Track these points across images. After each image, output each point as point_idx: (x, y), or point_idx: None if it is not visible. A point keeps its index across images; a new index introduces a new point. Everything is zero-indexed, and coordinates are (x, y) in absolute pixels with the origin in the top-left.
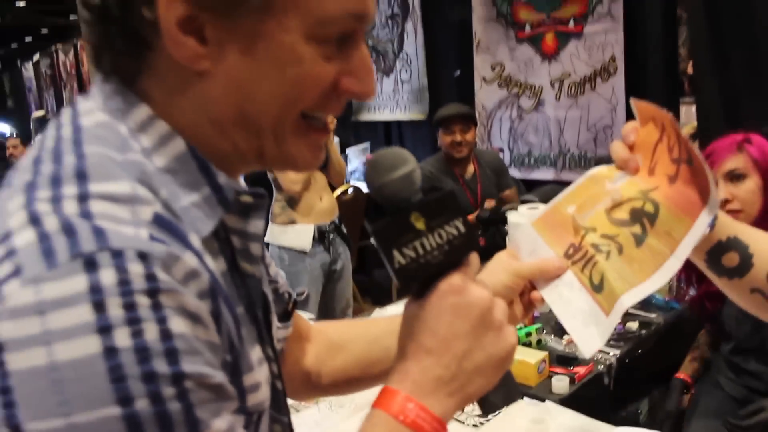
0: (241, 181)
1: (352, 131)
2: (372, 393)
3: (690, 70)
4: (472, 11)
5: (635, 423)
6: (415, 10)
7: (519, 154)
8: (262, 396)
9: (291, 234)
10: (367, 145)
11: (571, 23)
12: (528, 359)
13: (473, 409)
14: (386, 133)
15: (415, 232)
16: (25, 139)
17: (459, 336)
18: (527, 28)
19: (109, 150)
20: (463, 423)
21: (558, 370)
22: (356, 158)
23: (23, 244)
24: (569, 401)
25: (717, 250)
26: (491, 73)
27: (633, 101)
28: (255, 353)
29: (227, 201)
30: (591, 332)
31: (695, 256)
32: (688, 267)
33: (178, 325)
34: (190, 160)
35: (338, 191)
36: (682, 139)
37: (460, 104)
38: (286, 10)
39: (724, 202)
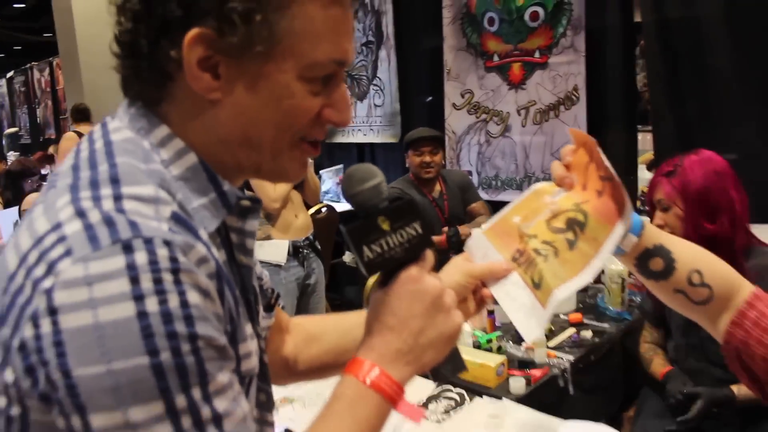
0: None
1: (327, 153)
2: None
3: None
4: (443, 41)
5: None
6: (389, 38)
7: (486, 177)
8: (252, 363)
9: (267, 248)
10: (340, 166)
11: (537, 54)
12: (488, 362)
13: (437, 407)
14: (359, 155)
15: (381, 232)
16: None
17: (415, 316)
18: (495, 58)
19: (135, 161)
20: (427, 419)
21: (516, 372)
22: (330, 179)
23: (72, 232)
24: (525, 400)
25: (644, 255)
26: (461, 99)
27: (570, 130)
28: (248, 328)
29: (230, 204)
30: (531, 323)
31: (627, 261)
32: None
33: (193, 297)
34: (200, 171)
35: (312, 210)
36: (603, 161)
37: (430, 128)
38: (284, 56)
39: (660, 227)
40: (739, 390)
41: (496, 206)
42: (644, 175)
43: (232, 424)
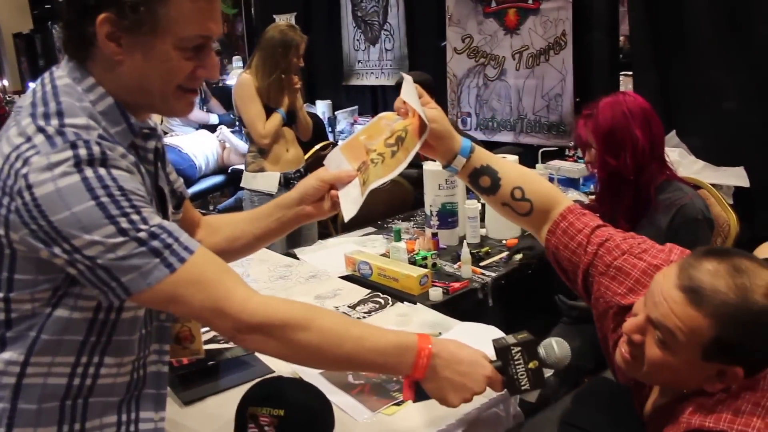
0: (150, 121)
1: (344, 95)
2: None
3: (626, 44)
4: None
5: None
6: None
7: (484, 118)
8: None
9: (260, 179)
10: (355, 107)
11: (530, 0)
12: (412, 273)
13: (363, 308)
14: (372, 97)
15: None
16: None
17: (469, 378)
18: (493, 4)
19: (72, 100)
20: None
21: (438, 284)
22: (344, 120)
23: (38, 140)
24: (441, 307)
25: (475, 174)
26: (461, 44)
27: (404, 75)
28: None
29: (135, 131)
30: (352, 207)
31: (463, 178)
32: None
33: (116, 171)
34: (115, 109)
35: (317, 147)
36: (418, 106)
37: (421, 72)
38: (164, 33)
39: (587, 164)
40: None
41: (492, 146)
42: None
43: (166, 223)
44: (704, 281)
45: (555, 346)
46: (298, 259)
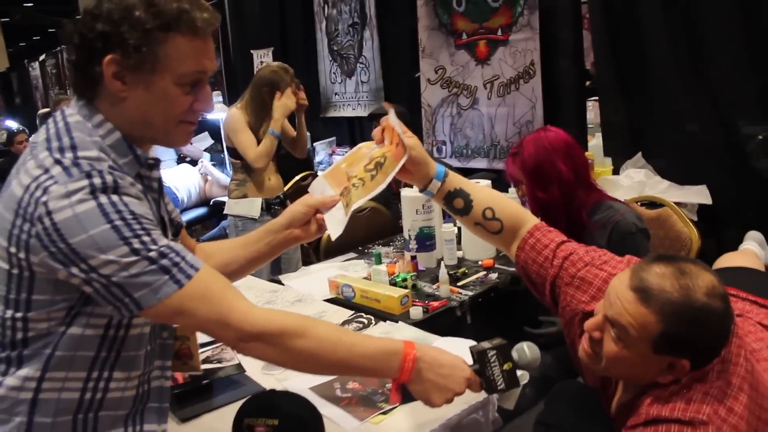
0: (151, 152)
1: (321, 126)
2: None
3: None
4: (418, 21)
5: None
6: (371, 19)
7: (459, 146)
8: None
9: (243, 205)
10: (333, 139)
11: (499, 32)
12: (393, 294)
13: (349, 327)
14: (350, 128)
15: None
16: (32, 134)
17: (451, 380)
18: (464, 36)
19: (84, 135)
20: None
21: (418, 303)
22: (323, 150)
23: (55, 172)
24: (422, 325)
25: (449, 196)
26: (435, 75)
27: (385, 104)
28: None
29: (141, 162)
30: (337, 227)
31: (438, 201)
32: None
33: (127, 198)
34: (123, 142)
35: (298, 177)
36: (396, 131)
37: (397, 105)
38: (163, 71)
39: (521, 198)
40: None
41: (467, 172)
42: (594, 143)
43: (174, 245)
44: (652, 282)
45: (526, 350)
46: (282, 284)
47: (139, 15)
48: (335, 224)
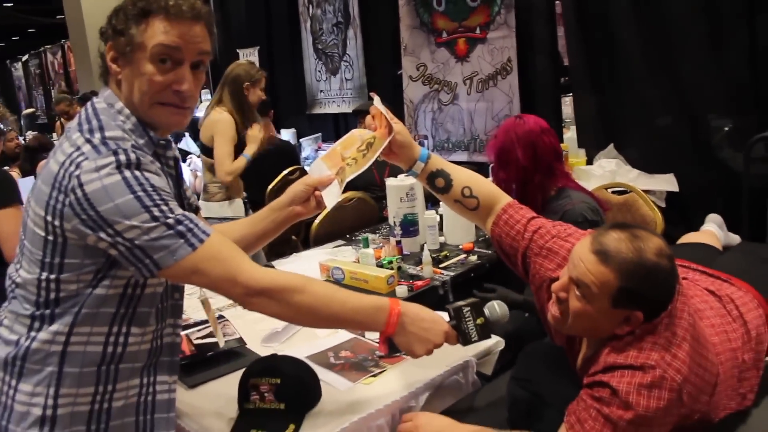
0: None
1: (307, 123)
2: None
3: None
4: (399, 20)
5: None
6: (354, 18)
7: (440, 140)
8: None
9: (227, 208)
10: (319, 135)
11: (478, 30)
12: (380, 275)
13: None
14: (335, 124)
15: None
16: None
17: (430, 332)
18: (444, 35)
19: (109, 119)
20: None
21: (403, 283)
22: (309, 146)
23: (86, 149)
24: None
25: (431, 176)
26: (416, 72)
27: (372, 93)
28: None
29: (155, 142)
30: (333, 199)
31: (422, 180)
32: None
33: (147, 173)
34: (139, 126)
35: (286, 171)
36: (384, 116)
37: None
38: (141, 49)
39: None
40: None
41: None
42: (569, 135)
43: (189, 218)
44: (610, 245)
45: (497, 307)
46: (275, 269)
47: (128, 8)
48: (331, 197)
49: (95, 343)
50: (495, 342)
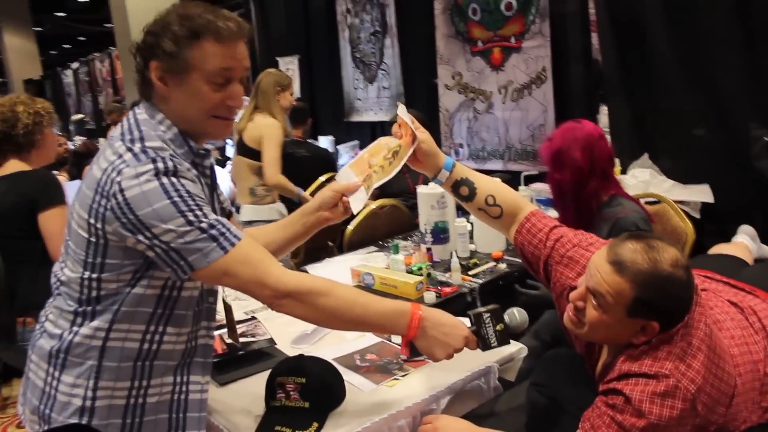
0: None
1: (345, 130)
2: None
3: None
4: (435, 29)
5: None
6: (392, 27)
7: (475, 148)
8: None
9: (275, 211)
10: (356, 142)
11: (513, 39)
12: (410, 281)
13: None
14: (372, 132)
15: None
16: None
17: (450, 336)
18: (479, 44)
19: (150, 129)
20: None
21: (431, 289)
22: (346, 153)
23: (128, 157)
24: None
25: (456, 184)
26: (452, 81)
27: (400, 106)
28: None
29: (194, 152)
30: (359, 204)
31: (447, 189)
32: None
33: (184, 180)
34: (179, 136)
35: (323, 178)
36: (409, 126)
37: (414, 110)
38: (194, 72)
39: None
40: None
41: (483, 174)
42: None
43: (222, 222)
44: (626, 256)
45: (516, 314)
46: (307, 273)
47: (174, 28)
48: (357, 202)
49: (133, 339)
50: (518, 349)
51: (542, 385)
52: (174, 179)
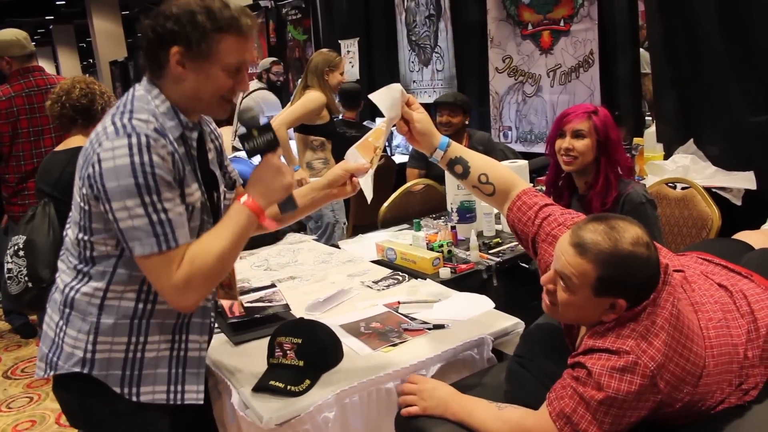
0: (210, 125)
1: None
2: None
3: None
4: (487, 13)
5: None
6: (445, 11)
7: (523, 131)
8: (194, 199)
9: None
10: None
11: (562, 23)
12: (426, 256)
13: (385, 283)
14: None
15: (254, 137)
16: None
17: (268, 177)
18: (529, 27)
19: (142, 104)
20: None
21: (448, 265)
22: (401, 135)
23: (110, 130)
24: (449, 284)
25: (450, 163)
26: (502, 64)
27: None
28: (194, 184)
29: (183, 125)
30: (370, 191)
31: (443, 166)
32: None
33: (156, 158)
34: (171, 110)
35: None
36: (396, 106)
37: (456, 93)
38: (214, 59)
39: (567, 150)
40: None
41: (531, 157)
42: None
43: (173, 213)
44: (587, 237)
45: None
46: (339, 248)
47: (201, 20)
48: (367, 189)
49: (128, 299)
50: (514, 323)
51: (522, 357)
52: (146, 156)
